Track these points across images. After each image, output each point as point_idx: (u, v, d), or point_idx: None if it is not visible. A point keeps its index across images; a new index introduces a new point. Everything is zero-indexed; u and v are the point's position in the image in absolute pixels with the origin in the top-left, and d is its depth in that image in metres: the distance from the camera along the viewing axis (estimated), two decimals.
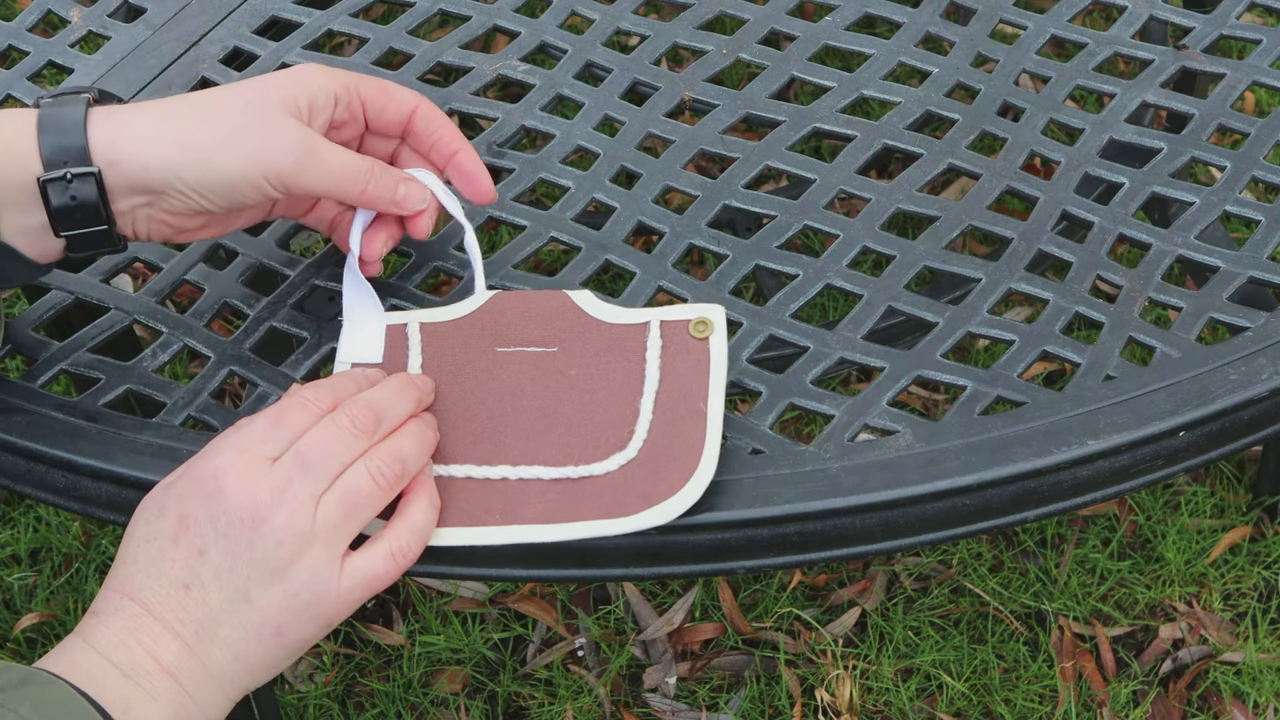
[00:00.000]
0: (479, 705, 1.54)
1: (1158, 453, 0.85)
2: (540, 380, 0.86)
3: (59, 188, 0.80)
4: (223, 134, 0.81)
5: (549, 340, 0.87)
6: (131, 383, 0.91)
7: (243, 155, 0.81)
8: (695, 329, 0.87)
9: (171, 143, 0.81)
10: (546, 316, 0.88)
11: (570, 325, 0.88)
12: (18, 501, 1.71)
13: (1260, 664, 1.53)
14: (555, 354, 0.87)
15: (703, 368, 0.85)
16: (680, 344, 0.86)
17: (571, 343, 0.87)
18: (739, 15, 1.11)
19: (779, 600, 1.60)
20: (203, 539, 0.74)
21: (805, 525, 0.83)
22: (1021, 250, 0.94)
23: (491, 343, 0.87)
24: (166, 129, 0.81)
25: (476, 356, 0.87)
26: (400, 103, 0.88)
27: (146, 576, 0.74)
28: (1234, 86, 1.03)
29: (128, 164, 0.80)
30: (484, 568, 0.83)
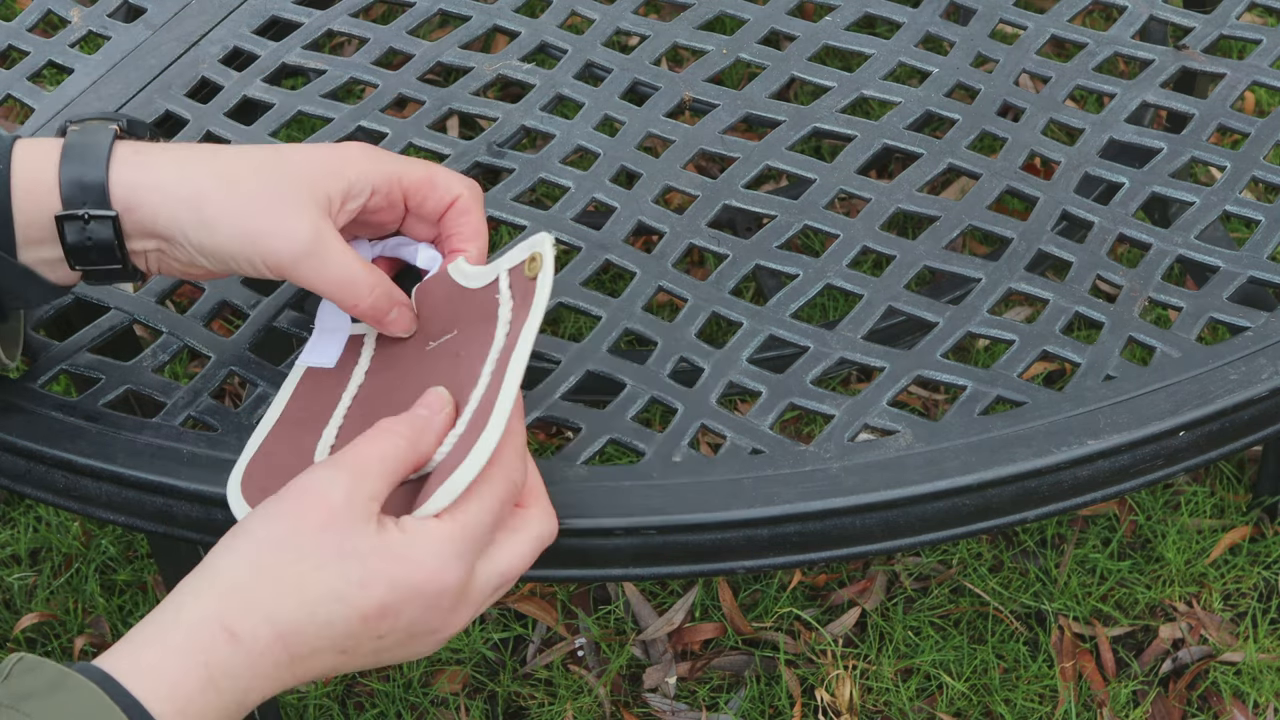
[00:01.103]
0: (479, 705, 1.54)
1: (1158, 453, 0.85)
2: (447, 370, 0.82)
3: (75, 227, 0.79)
4: (234, 207, 0.80)
5: (450, 325, 0.84)
6: (131, 383, 0.91)
7: (246, 236, 0.80)
8: (529, 269, 0.81)
9: (185, 202, 0.80)
10: (444, 302, 0.85)
11: (457, 303, 0.84)
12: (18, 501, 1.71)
13: (1260, 664, 1.53)
14: (456, 337, 0.83)
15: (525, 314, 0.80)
16: (521, 290, 0.81)
17: (462, 320, 0.84)
18: (739, 15, 1.11)
19: (779, 600, 1.60)
20: (389, 630, 0.73)
21: (805, 525, 0.83)
22: (1021, 250, 0.94)
23: (422, 340, 0.85)
24: (185, 186, 0.80)
25: (412, 357, 0.85)
26: (445, 192, 0.85)
27: (315, 634, 0.72)
28: (1234, 86, 1.03)
29: (142, 211, 0.80)
30: None
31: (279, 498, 0.74)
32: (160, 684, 0.69)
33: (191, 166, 0.81)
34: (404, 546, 0.72)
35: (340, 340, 0.87)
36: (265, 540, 0.73)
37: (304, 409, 0.84)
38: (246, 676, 0.70)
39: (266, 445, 0.82)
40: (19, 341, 0.88)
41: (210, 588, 0.72)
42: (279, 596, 0.71)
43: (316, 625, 0.71)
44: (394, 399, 0.82)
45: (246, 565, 0.72)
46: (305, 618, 0.71)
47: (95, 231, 0.79)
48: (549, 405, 0.88)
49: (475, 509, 0.74)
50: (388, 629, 0.73)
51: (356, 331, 0.87)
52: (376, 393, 0.84)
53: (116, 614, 1.61)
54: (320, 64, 1.09)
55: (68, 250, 0.80)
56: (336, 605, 0.71)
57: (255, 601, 0.71)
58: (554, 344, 0.90)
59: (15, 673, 0.68)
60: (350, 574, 0.71)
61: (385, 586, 0.72)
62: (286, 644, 0.71)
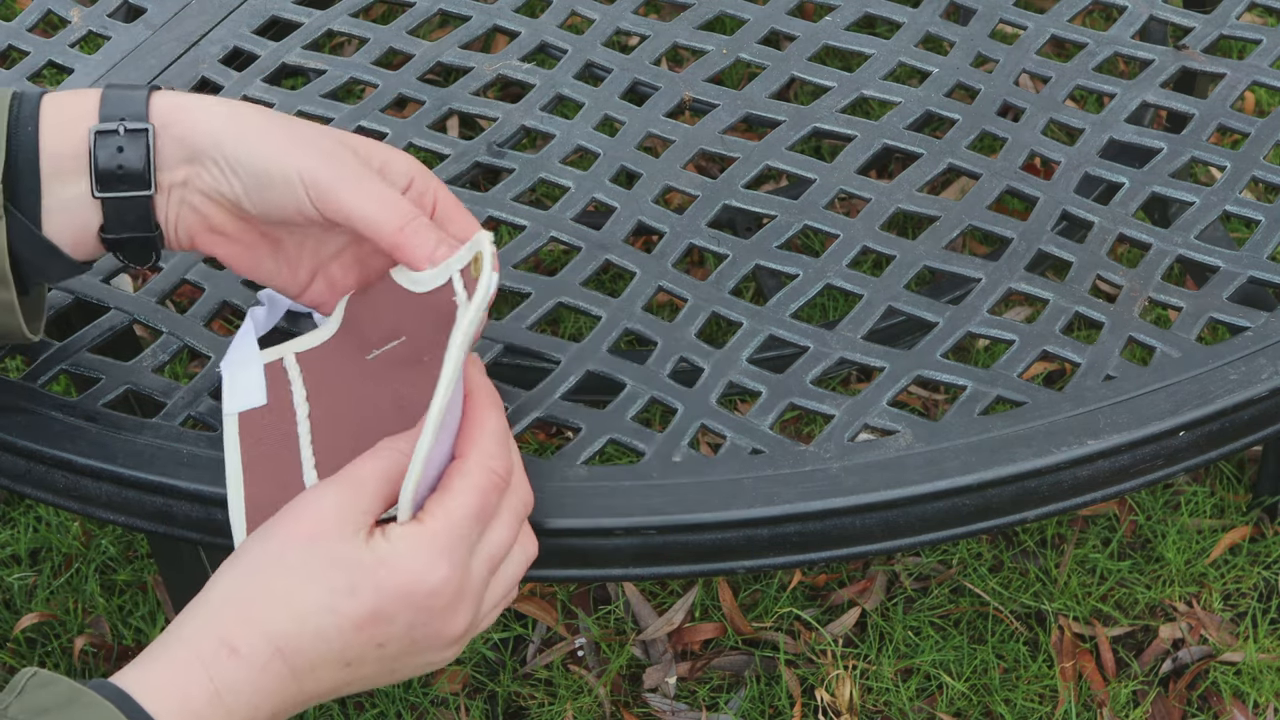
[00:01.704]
0: (479, 705, 1.54)
1: (1158, 453, 0.85)
2: (409, 379, 0.81)
3: (109, 144, 0.78)
4: (279, 127, 0.79)
5: (397, 330, 0.83)
6: (131, 383, 0.91)
7: (286, 146, 0.78)
8: (475, 269, 0.79)
9: (226, 113, 0.79)
10: (387, 307, 0.83)
11: (405, 308, 0.82)
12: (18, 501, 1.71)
13: (1260, 664, 1.53)
14: (406, 343, 0.82)
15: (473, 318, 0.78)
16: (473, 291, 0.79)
17: (411, 326, 0.82)
18: (739, 15, 1.11)
19: (779, 600, 1.60)
20: (388, 637, 0.73)
21: (805, 525, 0.83)
22: (1021, 250, 0.94)
23: (359, 351, 0.83)
24: (229, 104, 0.80)
25: (351, 371, 0.83)
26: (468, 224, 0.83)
27: (312, 646, 0.71)
28: (1234, 86, 1.03)
29: (179, 126, 0.79)
30: None
31: (275, 516, 0.74)
32: (170, 699, 0.69)
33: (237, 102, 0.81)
34: (388, 553, 0.72)
35: (258, 374, 0.85)
36: (259, 555, 0.73)
37: (263, 453, 0.82)
38: (250, 692, 0.70)
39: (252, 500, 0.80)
40: (42, 315, 0.87)
41: (208, 605, 0.72)
42: (271, 610, 0.71)
43: (310, 637, 0.71)
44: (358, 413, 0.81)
45: (241, 580, 0.72)
46: (297, 629, 0.71)
47: (128, 154, 0.78)
48: (549, 405, 0.88)
49: (454, 504, 0.74)
50: (385, 636, 0.72)
51: (269, 359, 0.85)
52: (334, 415, 0.82)
53: (116, 614, 1.61)
54: (320, 64, 1.09)
55: (97, 176, 0.78)
56: (328, 616, 0.71)
57: (249, 616, 0.71)
58: (554, 344, 0.90)
59: (29, 688, 0.68)
60: (337, 583, 0.71)
61: (371, 592, 0.72)
62: (285, 657, 0.71)
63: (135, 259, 0.82)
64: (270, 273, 0.84)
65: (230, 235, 0.82)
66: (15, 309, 0.81)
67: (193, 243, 0.82)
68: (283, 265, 0.84)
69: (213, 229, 0.82)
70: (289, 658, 0.71)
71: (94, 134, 0.78)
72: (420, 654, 0.74)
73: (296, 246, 0.84)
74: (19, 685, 0.68)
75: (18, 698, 0.68)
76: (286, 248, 0.83)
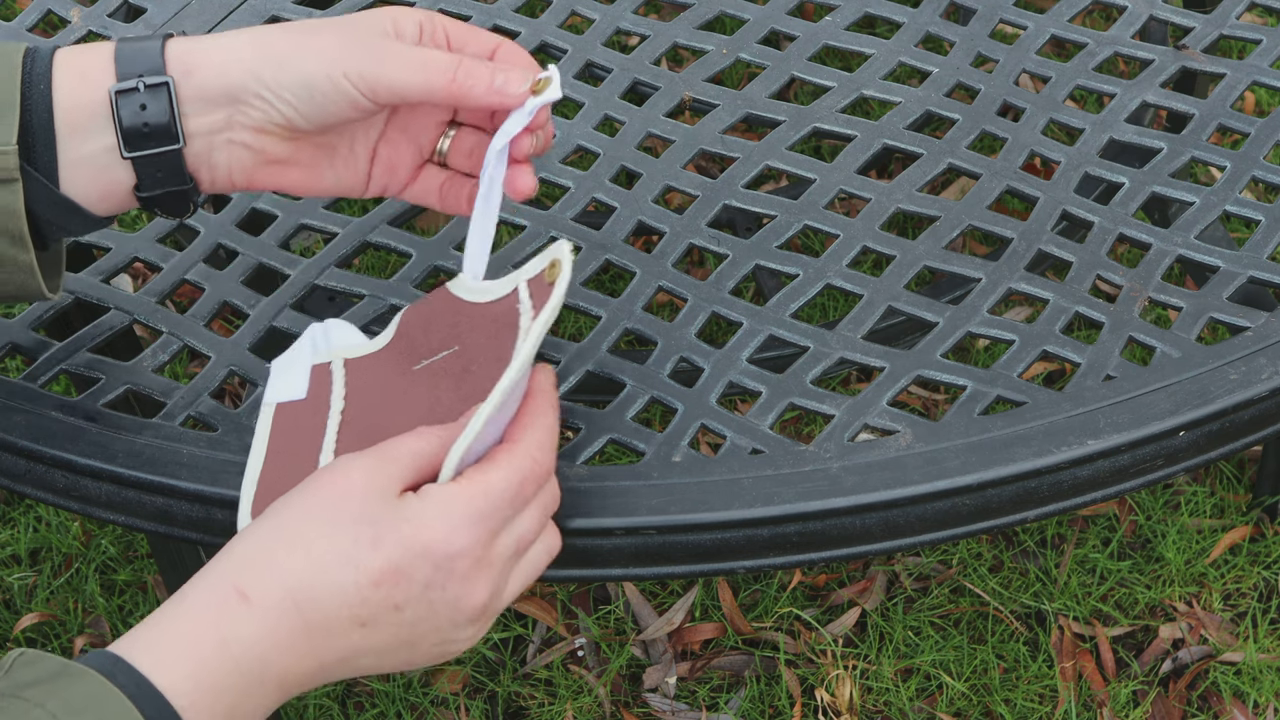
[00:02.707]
0: (479, 705, 1.54)
1: (1158, 453, 0.85)
2: (451, 387, 0.82)
3: (131, 102, 0.77)
4: (303, 38, 0.79)
5: (449, 341, 0.83)
6: (131, 383, 0.91)
7: (321, 53, 0.78)
8: (549, 275, 0.80)
9: (249, 44, 0.79)
10: (441, 318, 0.84)
11: (460, 319, 0.84)
12: (18, 501, 1.71)
13: (1260, 664, 1.53)
14: (457, 353, 0.83)
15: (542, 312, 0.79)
16: (542, 296, 0.80)
17: (466, 336, 0.83)
18: (739, 15, 1.11)
19: (779, 600, 1.60)
20: (406, 599, 0.72)
21: (805, 525, 0.83)
22: (1021, 250, 0.94)
23: (407, 363, 0.84)
24: (245, 35, 0.79)
25: (394, 380, 0.84)
26: (485, 40, 0.83)
27: (328, 597, 0.71)
28: (1234, 86, 1.03)
29: (204, 72, 0.78)
30: None
31: (308, 479, 0.74)
32: (171, 650, 0.69)
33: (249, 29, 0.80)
34: (418, 510, 0.72)
35: (304, 372, 0.85)
36: (282, 509, 0.73)
37: (288, 442, 0.83)
38: (262, 642, 0.69)
39: (263, 486, 0.81)
40: (60, 272, 0.86)
41: (225, 556, 0.72)
42: (289, 556, 0.71)
43: (327, 587, 0.70)
44: (390, 418, 0.81)
45: (261, 532, 0.72)
46: (313, 578, 0.70)
47: (151, 105, 0.77)
48: None
49: (495, 478, 0.73)
50: (403, 597, 0.71)
51: (318, 361, 0.86)
52: (365, 415, 0.83)
53: (116, 614, 1.61)
54: None
55: (124, 134, 0.78)
56: (347, 568, 0.71)
57: (267, 561, 0.71)
58: (554, 344, 0.90)
59: (16, 666, 0.68)
60: (361, 535, 0.71)
61: (394, 546, 0.71)
62: (299, 607, 0.70)
63: (172, 212, 0.82)
64: (333, 182, 0.84)
65: (289, 161, 0.82)
66: (35, 270, 0.80)
67: (250, 180, 0.82)
68: (342, 170, 0.84)
69: (270, 160, 0.81)
70: (303, 608, 0.70)
71: (114, 94, 0.77)
72: (437, 627, 0.73)
73: (348, 146, 0.83)
74: (6, 664, 0.68)
75: (4, 675, 0.68)
76: (340, 150, 0.83)
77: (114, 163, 0.79)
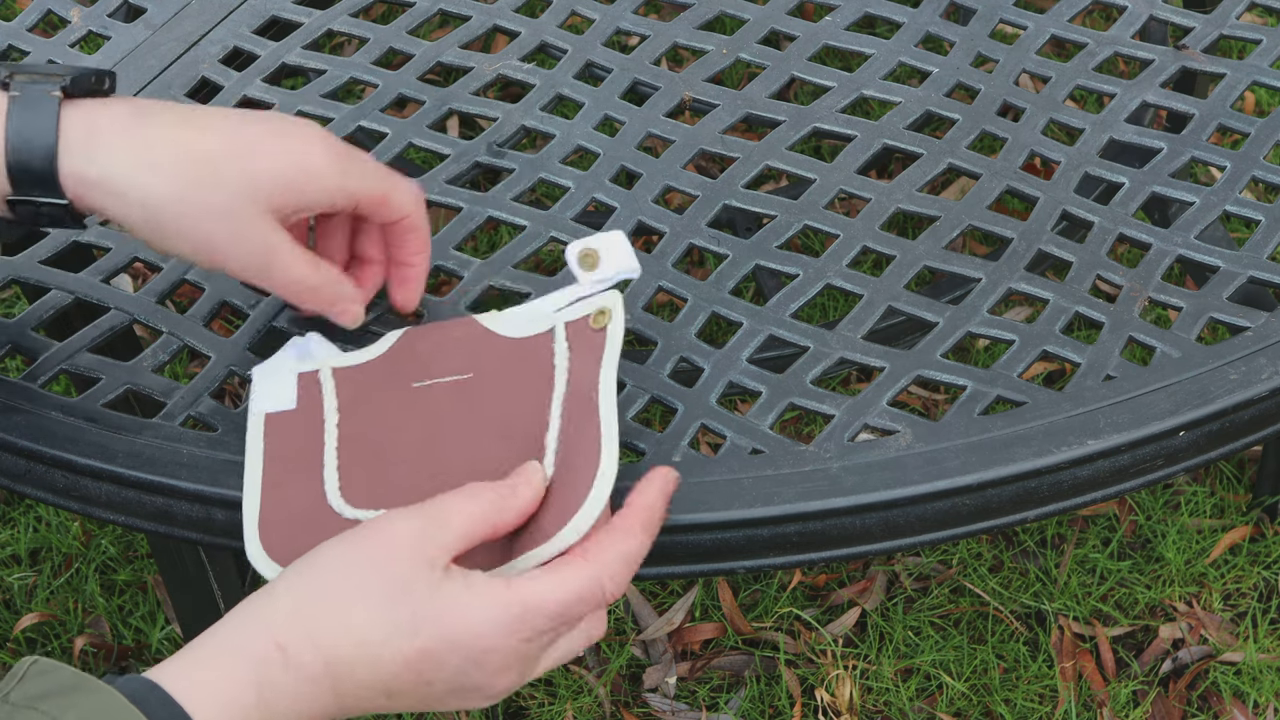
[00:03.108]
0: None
1: (1158, 453, 0.85)
2: (459, 411, 0.82)
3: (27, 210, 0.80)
4: (192, 220, 0.79)
5: (463, 367, 0.84)
6: (131, 383, 0.91)
7: (196, 246, 0.80)
8: (595, 321, 0.82)
9: (138, 204, 0.79)
10: (458, 343, 0.85)
11: (481, 348, 0.84)
12: (18, 501, 1.71)
13: (1260, 664, 1.53)
14: (470, 380, 0.83)
15: (597, 356, 0.81)
16: (584, 341, 0.82)
17: (484, 365, 0.83)
18: (739, 15, 1.11)
19: (779, 600, 1.60)
20: (435, 678, 0.72)
21: (805, 525, 0.83)
22: (1021, 250, 0.94)
23: (407, 379, 0.84)
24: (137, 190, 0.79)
25: (392, 394, 0.83)
26: (394, 212, 0.84)
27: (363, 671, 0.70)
28: (1234, 86, 1.03)
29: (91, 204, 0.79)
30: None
31: (355, 531, 0.73)
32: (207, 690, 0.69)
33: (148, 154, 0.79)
34: (464, 602, 0.71)
35: (290, 380, 0.85)
36: (329, 569, 0.72)
37: (286, 455, 0.82)
38: (291, 699, 0.70)
39: (268, 501, 0.81)
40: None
41: (271, 608, 0.71)
42: (331, 628, 0.70)
43: (363, 663, 0.70)
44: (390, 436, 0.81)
45: (307, 589, 0.71)
46: (352, 653, 0.70)
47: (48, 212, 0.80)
48: None
49: (550, 594, 0.72)
50: (433, 676, 0.71)
51: (305, 369, 0.86)
52: (364, 431, 0.82)
53: (116, 614, 1.61)
54: (320, 64, 1.09)
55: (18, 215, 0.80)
56: (384, 648, 0.71)
57: (309, 628, 0.70)
58: None
59: (30, 674, 0.68)
60: (401, 618, 0.70)
61: (433, 636, 0.71)
62: (333, 676, 0.70)
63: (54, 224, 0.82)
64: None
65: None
66: None
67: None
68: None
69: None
70: (337, 678, 0.70)
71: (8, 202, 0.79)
72: (460, 699, 0.73)
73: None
74: (20, 672, 0.68)
75: (19, 684, 0.67)
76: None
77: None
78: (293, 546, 0.77)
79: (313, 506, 0.79)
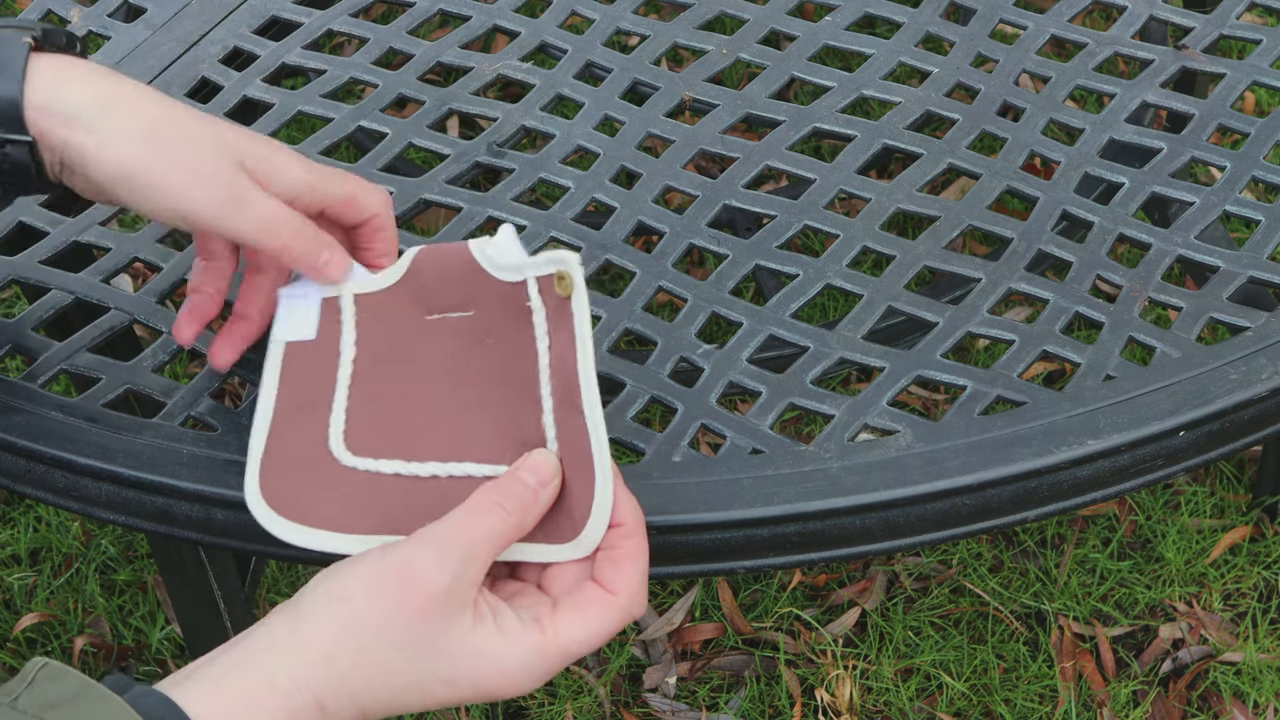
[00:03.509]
0: (479, 705, 1.54)
1: (1158, 453, 0.85)
2: (464, 355, 0.81)
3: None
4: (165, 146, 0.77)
5: (464, 303, 0.82)
6: (131, 383, 0.91)
7: (167, 180, 0.77)
8: (559, 286, 0.79)
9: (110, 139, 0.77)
10: (458, 274, 0.82)
11: (476, 283, 0.82)
12: (18, 501, 1.71)
13: (1260, 664, 1.53)
14: (472, 318, 0.81)
15: (571, 344, 0.78)
16: (555, 304, 0.79)
17: (481, 303, 0.82)
18: (739, 15, 1.11)
19: (779, 600, 1.60)
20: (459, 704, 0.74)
21: (805, 525, 0.83)
22: (1021, 250, 0.94)
23: (421, 309, 0.82)
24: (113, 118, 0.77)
25: (406, 326, 0.82)
26: (363, 211, 0.84)
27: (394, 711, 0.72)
28: (1234, 86, 1.03)
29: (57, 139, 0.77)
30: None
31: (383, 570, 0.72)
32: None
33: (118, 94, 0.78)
34: (497, 653, 0.71)
35: (314, 307, 0.83)
36: (365, 620, 0.71)
37: (298, 393, 0.81)
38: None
39: (273, 441, 0.80)
40: None
41: (305, 655, 0.71)
42: (370, 684, 0.71)
43: (395, 708, 0.72)
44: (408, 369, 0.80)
45: (345, 643, 0.71)
46: (387, 703, 0.71)
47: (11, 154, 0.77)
48: None
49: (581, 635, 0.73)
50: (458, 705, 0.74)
51: (328, 294, 0.84)
52: (381, 363, 0.81)
53: (116, 614, 1.61)
54: (320, 64, 1.09)
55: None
56: (418, 693, 0.72)
57: (348, 682, 0.71)
58: None
59: (40, 679, 0.67)
60: (439, 672, 0.71)
61: (465, 687, 0.72)
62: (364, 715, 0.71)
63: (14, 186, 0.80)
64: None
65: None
66: None
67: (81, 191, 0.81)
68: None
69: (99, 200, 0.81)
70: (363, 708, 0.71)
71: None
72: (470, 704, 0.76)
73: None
74: (29, 675, 0.68)
75: (28, 689, 0.67)
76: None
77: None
78: (291, 494, 0.77)
79: (314, 452, 0.79)
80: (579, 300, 0.77)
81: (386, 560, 0.72)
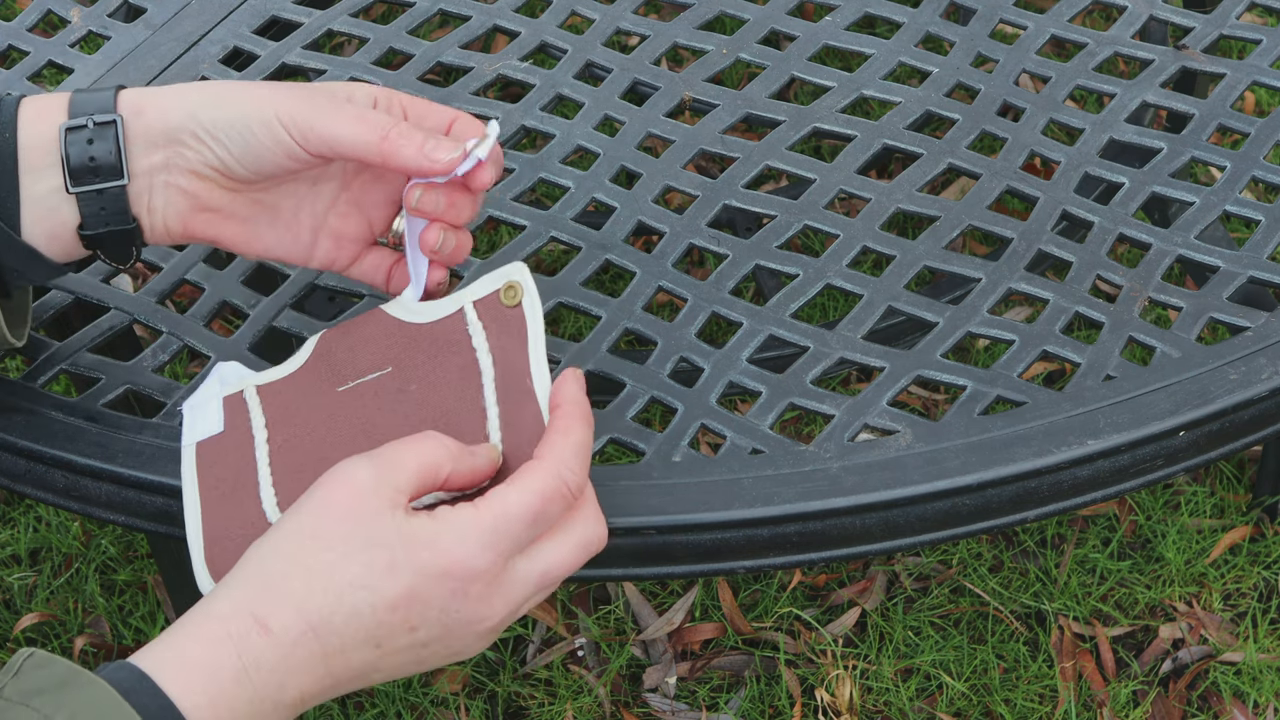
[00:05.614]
0: (479, 705, 1.54)
1: (1158, 453, 0.85)
2: (386, 407, 0.81)
3: (79, 140, 0.78)
4: (248, 88, 0.80)
5: (381, 363, 0.83)
6: (131, 383, 0.91)
7: (259, 98, 0.79)
8: (506, 297, 0.80)
9: (196, 90, 0.80)
10: (372, 339, 0.84)
11: (395, 339, 0.83)
12: (18, 501, 1.71)
13: (1260, 664, 1.53)
14: (391, 374, 0.82)
15: (522, 338, 0.80)
16: (499, 319, 0.81)
17: (401, 356, 0.83)
18: (739, 15, 1.11)
19: (779, 600, 1.60)
20: (420, 620, 0.72)
21: (805, 525, 0.83)
22: (1021, 250, 0.94)
23: (330, 385, 0.83)
24: (193, 85, 0.81)
25: (317, 403, 0.83)
26: (441, 115, 0.83)
27: (345, 624, 0.71)
28: (1234, 86, 1.03)
29: (150, 113, 0.79)
30: None
31: (312, 490, 0.73)
32: (194, 676, 0.69)
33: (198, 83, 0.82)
34: (431, 533, 0.72)
35: (217, 409, 0.84)
36: (294, 531, 0.72)
37: (221, 480, 0.82)
38: (280, 670, 0.70)
39: (209, 527, 0.80)
40: (26, 320, 0.87)
41: (243, 582, 0.72)
42: (309, 586, 0.71)
43: (344, 614, 0.71)
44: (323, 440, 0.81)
45: (276, 557, 0.72)
46: (333, 605, 0.71)
47: (98, 146, 0.78)
48: None
49: (513, 499, 0.73)
50: (418, 619, 0.72)
51: (229, 393, 0.85)
52: (296, 440, 0.82)
53: (116, 614, 1.61)
54: (320, 64, 1.09)
55: (70, 171, 0.78)
56: (363, 592, 0.71)
57: (286, 591, 0.71)
58: (554, 344, 0.90)
59: (25, 669, 0.68)
60: (377, 561, 0.71)
61: (411, 572, 0.71)
62: (318, 635, 0.70)
63: (115, 256, 0.82)
64: (272, 243, 0.84)
65: (224, 211, 0.82)
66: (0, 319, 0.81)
67: (186, 228, 0.82)
68: (283, 231, 0.84)
69: (205, 208, 0.81)
70: (321, 636, 0.71)
71: (64, 130, 0.78)
72: (449, 642, 0.74)
73: (292, 208, 0.83)
74: (15, 665, 0.68)
75: (14, 678, 0.67)
76: (282, 212, 0.83)
77: (61, 202, 0.79)
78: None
79: (254, 525, 0.79)
80: (530, 300, 0.79)
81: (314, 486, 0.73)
